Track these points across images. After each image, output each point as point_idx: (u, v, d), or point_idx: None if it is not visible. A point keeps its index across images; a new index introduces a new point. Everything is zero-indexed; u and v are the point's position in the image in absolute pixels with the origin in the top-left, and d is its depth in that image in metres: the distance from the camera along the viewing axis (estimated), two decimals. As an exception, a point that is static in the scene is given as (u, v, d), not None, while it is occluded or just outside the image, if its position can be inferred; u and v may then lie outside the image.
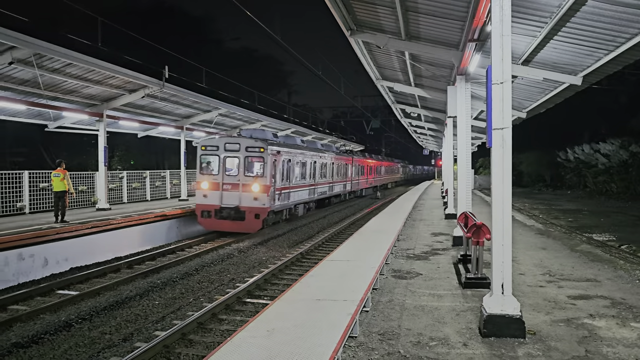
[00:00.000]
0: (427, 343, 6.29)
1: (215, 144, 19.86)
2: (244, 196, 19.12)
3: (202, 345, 8.26)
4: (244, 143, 19.51)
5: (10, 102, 15.35)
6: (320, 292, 8.11)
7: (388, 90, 21.92)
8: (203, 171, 19.82)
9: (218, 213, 19.14)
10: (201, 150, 19.95)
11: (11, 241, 12.28)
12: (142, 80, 16.81)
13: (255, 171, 19.51)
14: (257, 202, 18.95)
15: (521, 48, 10.64)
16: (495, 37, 6.22)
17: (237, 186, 19.25)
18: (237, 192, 19.19)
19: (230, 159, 19.64)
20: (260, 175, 19.24)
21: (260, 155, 19.27)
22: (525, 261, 11.65)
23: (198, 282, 12.58)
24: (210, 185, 19.42)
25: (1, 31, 11.50)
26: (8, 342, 8.17)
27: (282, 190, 21.24)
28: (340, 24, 12.24)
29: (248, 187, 19.13)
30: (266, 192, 19.08)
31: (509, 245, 6.32)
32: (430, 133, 39.80)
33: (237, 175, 19.35)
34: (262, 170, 19.29)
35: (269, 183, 19.28)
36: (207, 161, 19.90)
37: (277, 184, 20.39)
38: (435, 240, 14.91)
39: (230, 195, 19.21)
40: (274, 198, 20.06)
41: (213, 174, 19.56)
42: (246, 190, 19.14)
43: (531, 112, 17.19)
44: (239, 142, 19.61)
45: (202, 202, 19.39)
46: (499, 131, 6.27)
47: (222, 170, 19.47)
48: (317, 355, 5.42)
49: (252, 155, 19.39)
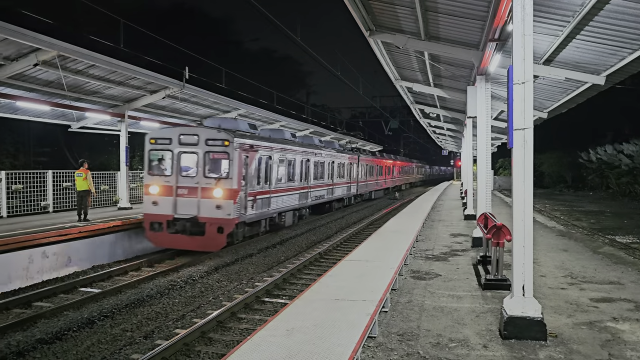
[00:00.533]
0: (447, 344, 6.27)
1: (167, 135, 15.83)
2: (204, 204, 15.08)
3: (222, 343, 8.34)
4: (203, 134, 15.49)
5: (35, 103, 15.70)
6: (339, 292, 8.13)
7: (407, 90, 21.83)
8: (152, 171, 15.86)
9: (171, 225, 15.21)
10: (150, 144, 15.96)
11: (35, 239, 12.55)
12: (163, 81, 17.01)
13: (219, 171, 15.48)
14: (221, 211, 14.93)
15: (543, 47, 10.52)
16: (517, 36, 6.16)
17: (195, 191, 15.19)
18: (195, 198, 15.16)
19: (186, 155, 15.63)
20: (225, 176, 15.18)
21: (224, 151, 15.18)
22: (547, 263, 11.52)
23: (217, 280, 12.69)
24: (161, 189, 15.46)
25: (26, 33, 11.75)
26: (33, 339, 8.35)
27: (258, 195, 17.19)
28: (360, 24, 12.24)
29: (209, 192, 15.06)
30: (232, 198, 15.04)
31: (530, 246, 6.26)
32: (449, 133, 39.52)
33: (196, 176, 15.35)
34: (228, 170, 15.21)
35: (237, 186, 15.30)
36: (158, 158, 15.96)
37: (250, 188, 16.42)
38: (454, 241, 14.82)
39: (187, 202, 15.19)
40: (246, 206, 16.07)
41: (165, 174, 15.60)
42: (207, 196, 15.08)
43: (552, 112, 16.98)
44: (198, 134, 15.58)
45: (151, 211, 15.47)
46: (520, 131, 6.22)
47: (176, 169, 15.53)
48: (336, 355, 5.44)
49: (214, 150, 15.32)
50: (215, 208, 14.96)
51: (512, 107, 6.24)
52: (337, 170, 29.05)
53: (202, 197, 15.14)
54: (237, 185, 15.34)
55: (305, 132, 32.51)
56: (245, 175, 16.01)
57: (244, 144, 15.99)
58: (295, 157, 21.46)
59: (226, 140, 15.21)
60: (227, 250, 16.06)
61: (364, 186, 37.24)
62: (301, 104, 45.68)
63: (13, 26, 11.36)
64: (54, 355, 7.86)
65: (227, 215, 14.95)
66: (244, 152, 15.78)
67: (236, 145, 15.29)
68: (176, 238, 15.13)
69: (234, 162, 15.19)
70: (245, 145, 16.05)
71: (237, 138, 15.52)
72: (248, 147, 16.25)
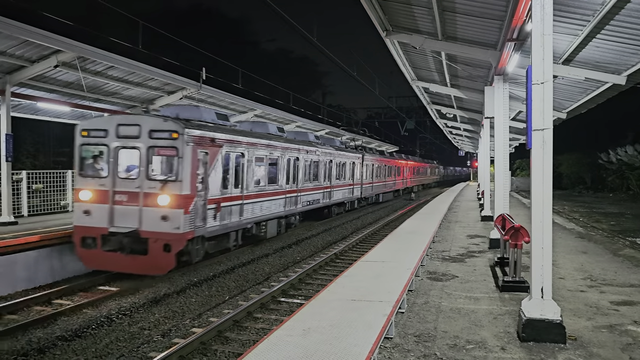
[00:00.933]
0: (464, 346, 6.23)
1: (101, 126, 12.65)
2: (147, 214, 11.93)
3: (238, 342, 8.38)
4: (146, 124, 12.24)
5: (55, 103, 15.97)
6: (355, 293, 8.12)
7: (423, 90, 21.76)
8: (85, 172, 12.69)
9: (106, 242, 12.13)
10: (81, 137, 12.76)
11: (55, 237, 12.73)
12: (180, 82, 17.17)
13: (166, 172, 12.57)
14: (168, 224, 11.76)
15: (562, 47, 10.41)
16: (536, 36, 6.11)
17: (136, 197, 12.05)
18: (136, 206, 12.01)
19: (125, 152, 12.54)
20: (174, 178, 11.98)
21: (171, 145, 12.04)
22: (565, 265, 11.38)
23: (234, 280, 12.76)
24: (95, 195, 12.33)
25: (47, 35, 11.95)
26: (53, 335, 8.48)
27: (224, 202, 13.93)
28: (376, 24, 12.24)
29: (153, 198, 11.94)
30: (183, 206, 11.87)
31: (549, 248, 6.20)
32: (466, 134, 39.28)
33: (137, 178, 12.19)
34: (178, 170, 11.99)
35: (190, 191, 12.14)
36: (91, 155, 12.85)
37: (212, 193, 13.22)
38: (471, 243, 14.71)
39: (126, 212, 12.08)
40: (205, 216, 12.92)
41: (100, 176, 12.49)
42: (150, 204, 11.93)
43: (572, 112, 16.78)
44: (139, 123, 12.30)
45: (83, 223, 12.32)
46: (539, 132, 6.16)
47: (113, 170, 12.41)
48: (353, 355, 5.44)
49: (160, 144, 12.21)
50: (160, 220, 11.80)
51: (531, 108, 6.19)
52: (336, 170, 25.84)
53: (145, 205, 11.97)
54: (191, 190, 12.15)
55: (321, 132, 32.50)
56: (204, 177, 12.87)
57: (202, 137, 12.75)
58: (280, 155, 18.16)
59: (174, 131, 11.97)
60: (243, 250, 16.12)
61: (370, 188, 33.74)
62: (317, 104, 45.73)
63: (34, 28, 11.56)
64: (73, 352, 7.98)
65: (176, 228, 11.76)
66: (201, 147, 12.63)
67: (188, 138, 12.08)
68: (112, 258, 12.05)
69: (185, 160, 11.98)
70: (204, 139, 12.82)
71: (189, 129, 12.26)
72: (208, 141, 13.00)
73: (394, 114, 54.44)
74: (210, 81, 18.75)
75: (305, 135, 23.45)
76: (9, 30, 11.10)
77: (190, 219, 12.16)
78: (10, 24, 10.99)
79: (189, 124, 12.71)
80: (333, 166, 25.05)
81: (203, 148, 12.77)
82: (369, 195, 34.02)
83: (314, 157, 22.20)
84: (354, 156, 29.40)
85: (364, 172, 31.73)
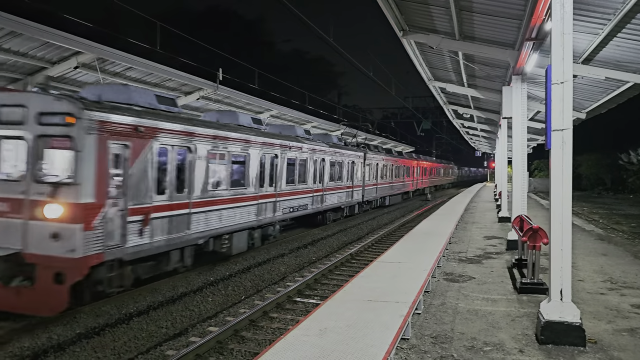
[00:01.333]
0: (482, 348, 6.18)
1: None
2: (34, 230, 8.82)
3: (254, 342, 8.42)
4: (34, 105, 9.05)
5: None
6: (371, 293, 8.11)
7: (440, 90, 21.64)
8: None
9: None
10: None
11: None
12: (197, 82, 17.30)
13: (61, 171, 9.08)
14: (60, 244, 8.66)
15: (582, 46, 10.28)
16: (556, 35, 6.04)
17: (19, 206, 8.93)
18: (19, 219, 8.91)
19: (6, 144, 9.44)
20: (70, 180, 8.84)
21: (65, 134, 8.84)
22: (585, 267, 11.23)
23: (250, 279, 12.82)
24: None
25: (68, 37, 12.13)
26: (73, 333, 8.60)
27: (157, 212, 10.62)
28: (393, 24, 12.21)
29: (38, 207, 8.82)
30: (83, 219, 8.76)
31: (569, 250, 6.13)
32: (483, 134, 38.97)
33: (22, 180, 9.08)
34: (75, 169, 8.82)
35: (97, 199, 9.06)
36: None
37: (136, 200, 10.02)
38: (488, 244, 14.59)
39: (6, 226, 8.98)
40: (125, 232, 9.76)
41: None
42: (38, 217, 8.82)
43: (591, 112, 16.55)
44: (25, 104, 9.09)
45: None
46: (558, 132, 6.10)
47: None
48: (370, 355, 5.43)
49: (51, 132, 9.00)
50: (50, 238, 8.66)
51: (550, 108, 6.13)
52: (331, 170, 22.51)
53: (31, 218, 8.85)
54: (96, 197, 9.01)
55: (336, 132, 32.47)
56: (124, 179, 9.76)
57: (118, 124, 9.51)
58: (251, 151, 14.76)
59: (68, 114, 8.73)
60: (259, 250, 16.16)
61: (373, 190, 30.19)
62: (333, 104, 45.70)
63: (55, 30, 11.74)
64: (92, 350, 8.08)
65: (70, 251, 8.60)
66: (116, 138, 9.45)
67: (91, 124, 8.86)
68: None
69: (87, 155, 8.83)
70: (122, 127, 9.61)
71: (93, 111, 9.00)
72: (129, 130, 9.77)
73: (410, 114, 54.15)
74: (227, 82, 18.86)
75: (292, 130, 20.00)
76: (30, 32, 11.29)
77: (95, 236, 8.97)
78: (31, 26, 11.17)
79: (96, 105, 9.30)
80: (326, 165, 21.73)
81: (120, 139, 9.57)
82: (373, 199, 30.48)
83: (301, 154, 18.83)
84: (353, 154, 25.73)
85: (367, 173, 28.34)
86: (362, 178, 27.50)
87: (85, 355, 7.84)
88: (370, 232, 22.11)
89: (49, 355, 7.75)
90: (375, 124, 47.17)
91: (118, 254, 9.66)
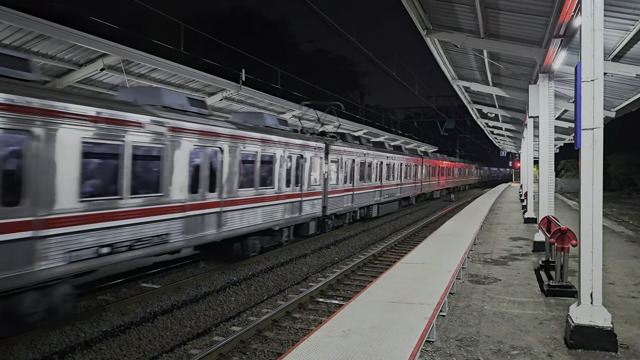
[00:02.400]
0: (508, 351, 6.06)
1: None
2: None
3: (277, 342, 8.41)
4: None
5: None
6: (395, 295, 8.03)
7: (464, 89, 21.38)
8: None
9: None
10: None
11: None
12: (221, 83, 17.41)
13: None
14: None
15: (612, 43, 10.03)
16: (586, 32, 5.89)
17: None
18: None
19: None
20: None
21: None
22: (615, 270, 10.94)
23: (273, 280, 12.83)
24: None
25: (94, 39, 12.32)
26: (100, 330, 8.72)
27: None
28: (417, 23, 12.10)
29: None
30: None
31: (600, 252, 5.96)
32: (508, 134, 38.40)
33: None
34: None
35: None
36: None
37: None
38: (514, 245, 14.34)
39: None
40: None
41: None
42: None
43: (621, 111, 16.16)
44: None
45: None
46: (588, 131, 5.94)
47: None
48: (394, 358, 5.36)
49: None
50: None
51: (580, 106, 5.97)
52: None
53: None
54: None
55: (359, 132, 32.33)
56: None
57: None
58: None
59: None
60: (281, 250, 16.16)
61: (344, 199, 21.29)
62: (355, 104, 45.57)
63: (82, 33, 11.93)
64: (118, 348, 8.18)
65: None
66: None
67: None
68: None
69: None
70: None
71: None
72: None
73: (433, 113, 53.70)
74: (250, 82, 18.93)
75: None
76: (58, 35, 11.49)
77: None
78: (60, 29, 11.37)
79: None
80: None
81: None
82: (345, 210, 21.63)
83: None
84: (300, 145, 16.83)
85: (332, 173, 19.90)
86: (323, 181, 18.92)
87: (111, 353, 7.93)
88: (392, 233, 21.97)
89: (76, 352, 7.87)
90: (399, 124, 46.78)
91: None
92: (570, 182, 55.12)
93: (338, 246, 18.00)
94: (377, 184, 25.79)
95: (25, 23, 10.59)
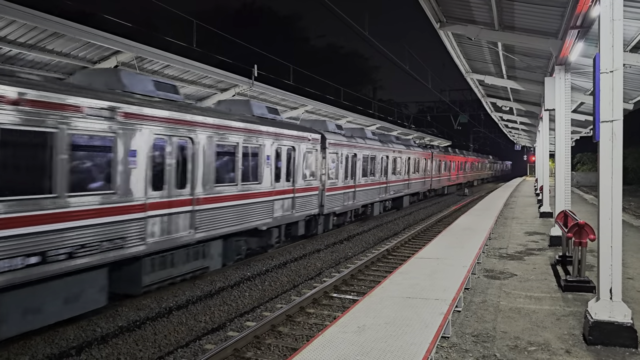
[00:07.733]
0: (526, 347, 5.98)
1: None
2: None
3: (291, 337, 8.41)
4: None
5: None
6: (410, 290, 7.98)
7: (478, 83, 21.13)
8: None
9: None
10: None
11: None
12: (233, 79, 17.40)
13: None
14: None
15: (630, 34, 9.84)
16: (605, 22, 5.76)
17: None
18: None
19: None
20: None
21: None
22: (634, 264, 10.76)
23: (287, 275, 12.84)
24: None
25: (108, 37, 12.37)
26: (116, 325, 8.80)
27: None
28: (430, 16, 11.96)
29: None
30: None
31: (619, 247, 5.86)
32: (522, 127, 37.98)
33: None
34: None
35: None
36: None
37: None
38: (529, 240, 14.19)
39: None
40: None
41: None
42: None
43: (639, 103, 15.86)
44: None
45: None
46: (607, 124, 5.83)
47: None
48: (410, 354, 5.32)
49: None
50: None
51: (598, 98, 5.86)
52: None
53: None
54: None
55: (372, 127, 32.17)
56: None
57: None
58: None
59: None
60: (294, 245, 16.16)
61: (346, 197, 19.99)
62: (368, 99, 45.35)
63: (96, 30, 11.98)
64: (134, 342, 8.24)
65: None
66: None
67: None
68: None
69: None
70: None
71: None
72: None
73: (447, 107, 53.21)
74: (262, 78, 18.89)
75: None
76: (72, 33, 11.55)
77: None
78: (74, 27, 11.42)
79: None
80: (205, 153, 11.51)
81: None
82: (346, 209, 20.04)
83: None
84: (293, 136, 15.59)
85: (331, 168, 18.57)
86: (320, 177, 17.75)
87: (127, 348, 8.00)
88: (406, 228, 21.87)
89: (92, 347, 7.94)
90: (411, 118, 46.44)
91: None
92: (587, 176, 54.33)
93: (352, 241, 17.96)
94: (382, 180, 24.53)
95: (39, 21, 10.66)
